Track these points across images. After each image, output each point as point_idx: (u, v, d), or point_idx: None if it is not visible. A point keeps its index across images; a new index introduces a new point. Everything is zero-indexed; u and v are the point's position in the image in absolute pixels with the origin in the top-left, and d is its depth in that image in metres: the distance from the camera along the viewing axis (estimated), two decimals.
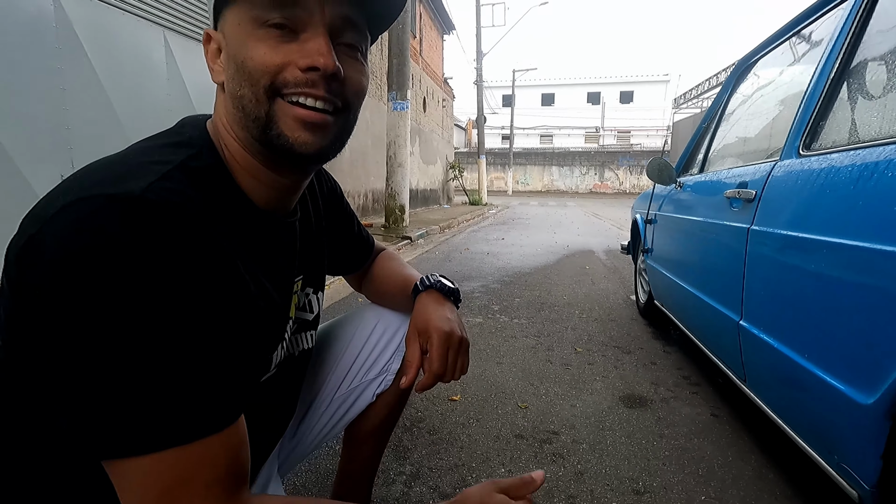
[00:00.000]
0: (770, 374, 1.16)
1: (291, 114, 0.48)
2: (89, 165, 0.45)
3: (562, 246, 5.90)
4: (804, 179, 1.04)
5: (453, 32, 14.73)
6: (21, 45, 2.77)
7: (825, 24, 1.27)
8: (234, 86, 0.48)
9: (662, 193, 2.39)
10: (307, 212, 0.68)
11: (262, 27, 0.46)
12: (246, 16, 0.47)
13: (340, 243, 0.82)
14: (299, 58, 0.47)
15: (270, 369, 0.61)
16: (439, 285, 0.79)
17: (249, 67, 0.47)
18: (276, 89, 0.47)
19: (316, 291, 0.73)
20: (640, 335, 2.46)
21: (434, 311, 0.74)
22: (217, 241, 0.46)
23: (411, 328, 0.74)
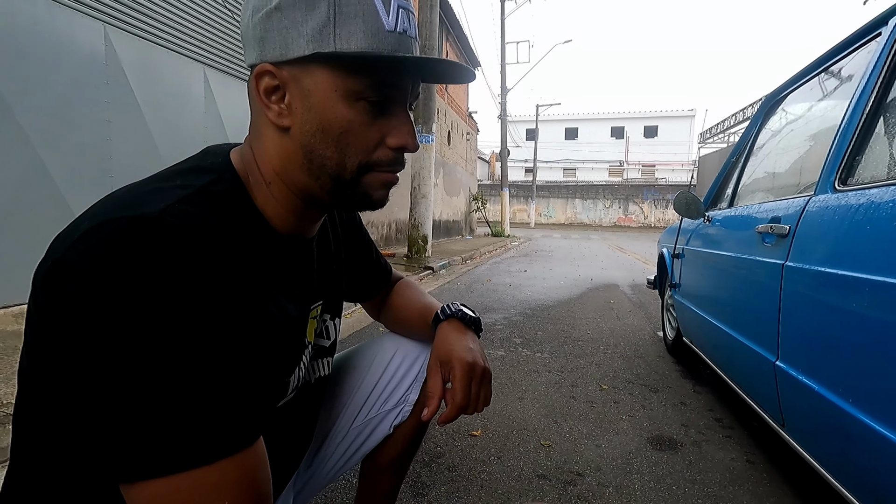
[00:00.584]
0: (811, 420, 1.09)
1: (378, 180, 0.53)
2: (115, 191, 0.47)
3: (585, 279, 5.81)
4: (841, 215, 1.00)
5: (479, 69, 15.12)
6: (74, 80, 2.96)
7: (857, 59, 1.25)
8: (315, 143, 0.50)
9: (690, 227, 2.34)
10: (326, 238, 0.69)
11: (360, 101, 0.49)
12: (344, 84, 0.48)
13: (358, 270, 0.82)
14: (390, 136, 0.51)
15: (287, 394, 0.60)
16: (461, 314, 0.78)
17: (347, 140, 0.50)
18: (369, 166, 0.51)
19: (333, 318, 0.73)
20: (668, 373, 2.37)
21: (456, 341, 0.73)
22: (235, 263, 0.46)
23: (433, 358, 0.72)
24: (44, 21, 2.78)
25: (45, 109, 2.79)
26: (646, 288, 3.99)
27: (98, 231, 0.41)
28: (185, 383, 0.40)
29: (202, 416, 0.40)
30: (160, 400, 0.39)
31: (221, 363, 0.42)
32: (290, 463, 0.70)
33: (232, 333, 0.44)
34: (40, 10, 2.76)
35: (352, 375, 0.85)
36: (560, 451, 1.55)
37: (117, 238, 0.40)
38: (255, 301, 0.49)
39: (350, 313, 3.28)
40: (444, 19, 11.20)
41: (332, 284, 0.70)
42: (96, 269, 0.39)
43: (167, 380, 0.39)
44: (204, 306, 0.42)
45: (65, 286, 0.40)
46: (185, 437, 0.40)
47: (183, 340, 0.40)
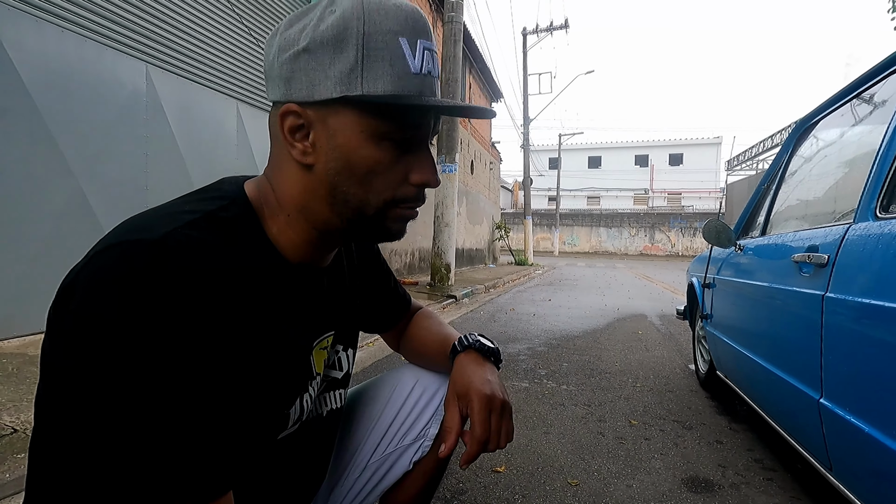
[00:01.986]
0: (862, 463, 1.01)
1: (400, 215, 0.54)
2: (133, 216, 0.49)
3: (612, 309, 5.67)
4: (886, 243, 0.95)
5: (501, 100, 15.37)
6: (117, 116, 3.13)
7: (893, 83, 1.22)
8: (340, 181, 0.51)
9: (720, 256, 2.27)
10: (341, 267, 0.68)
11: (385, 140, 0.50)
12: (370, 126, 0.49)
13: (375, 300, 0.81)
14: (413, 172, 0.53)
15: (289, 426, 0.58)
16: (478, 345, 0.75)
17: (372, 178, 0.51)
18: (395, 202, 0.53)
19: (346, 349, 0.72)
20: (701, 409, 2.26)
21: (473, 373, 0.70)
22: (233, 288, 0.46)
23: (450, 392, 0.70)
24: (91, 61, 2.97)
25: (87, 143, 2.95)
26: (675, 318, 3.86)
27: (102, 256, 0.42)
28: (153, 425, 0.39)
29: (164, 463, 0.40)
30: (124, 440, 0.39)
31: (199, 404, 0.42)
32: (300, 497, 0.68)
33: (219, 365, 0.43)
34: (89, 51, 2.95)
35: (369, 408, 0.83)
36: (588, 490, 1.48)
37: (117, 263, 0.41)
38: (250, 328, 0.49)
39: (373, 342, 3.26)
40: (468, 53, 11.50)
41: (345, 315, 0.69)
42: (93, 294, 0.40)
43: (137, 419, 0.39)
44: (191, 335, 0.42)
45: (64, 309, 0.41)
46: (142, 484, 0.39)
47: (163, 377, 0.40)
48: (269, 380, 0.52)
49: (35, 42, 2.67)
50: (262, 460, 0.56)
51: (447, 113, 0.53)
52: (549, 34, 15.75)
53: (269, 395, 0.53)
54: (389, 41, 0.47)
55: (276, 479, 0.59)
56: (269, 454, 0.57)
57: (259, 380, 0.50)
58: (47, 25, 2.72)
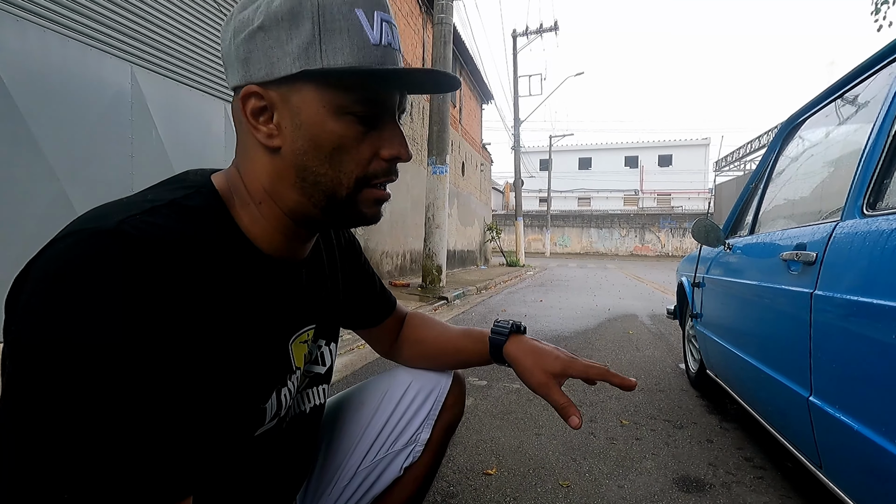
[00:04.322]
0: (853, 462, 1.01)
1: (372, 196, 0.53)
2: (89, 210, 0.47)
3: (603, 309, 5.69)
4: (873, 240, 0.96)
5: (491, 102, 15.41)
6: (101, 117, 3.08)
7: (877, 82, 1.22)
8: (308, 161, 0.49)
9: (710, 256, 2.28)
10: (320, 260, 0.66)
11: (347, 115, 0.49)
12: (331, 100, 0.48)
13: (358, 295, 0.79)
14: (382, 147, 0.51)
15: (266, 422, 0.56)
16: (515, 328, 0.79)
17: (340, 156, 0.49)
18: (366, 179, 0.51)
19: (329, 343, 0.70)
20: (692, 408, 2.27)
21: (547, 350, 0.73)
22: (198, 279, 0.44)
23: (539, 376, 0.71)
24: (75, 61, 2.92)
25: (71, 145, 2.90)
26: (665, 318, 3.88)
27: (52, 247, 0.40)
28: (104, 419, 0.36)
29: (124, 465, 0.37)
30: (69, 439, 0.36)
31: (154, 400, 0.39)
32: (282, 494, 0.66)
33: (184, 358, 0.41)
34: (72, 51, 2.90)
35: (360, 413, 0.81)
36: (580, 491, 1.47)
37: (68, 253, 0.39)
38: (219, 319, 0.47)
39: (363, 344, 3.24)
40: (458, 55, 11.51)
41: (326, 308, 0.67)
42: (42, 286, 0.38)
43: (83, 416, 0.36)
44: (151, 327, 0.39)
45: (12, 304, 0.39)
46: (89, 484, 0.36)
47: (112, 371, 0.37)
48: (242, 373, 0.50)
49: (16, 42, 2.62)
50: (240, 457, 0.54)
51: (408, 81, 0.51)
52: (539, 36, 15.82)
53: (242, 389, 0.51)
54: (346, 12, 0.46)
55: (255, 477, 0.57)
56: (246, 451, 0.55)
57: (230, 373, 0.48)
58: (29, 25, 2.67)
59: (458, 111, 12.28)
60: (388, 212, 8.00)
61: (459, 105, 12.50)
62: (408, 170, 8.66)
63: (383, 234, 7.65)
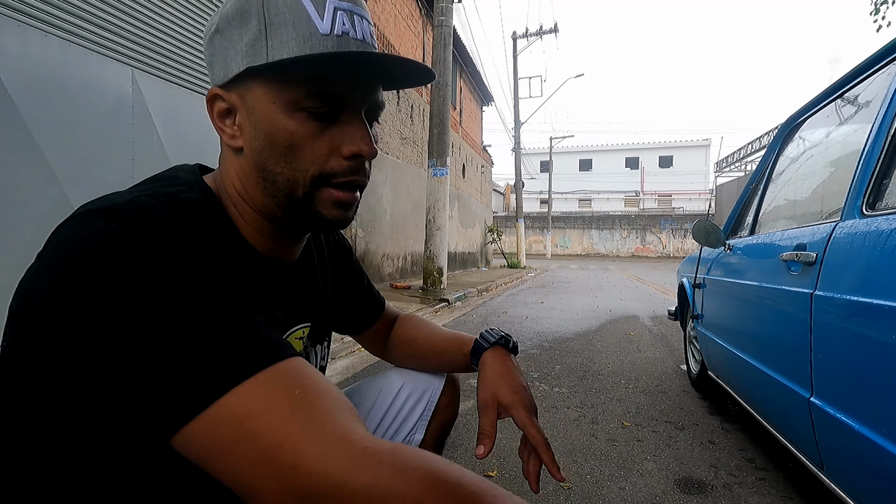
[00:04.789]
0: (854, 463, 1.01)
1: (331, 197, 0.50)
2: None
3: (604, 311, 5.69)
4: (873, 241, 0.96)
5: (492, 104, 15.42)
6: (102, 121, 3.09)
7: (877, 82, 1.22)
8: (265, 159, 0.49)
9: (710, 257, 2.28)
10: (311, 261, 0.67)
11: (300, 111, 0.47)
12: (282, 97, 0.47)
13: (349, 299, 0.79)
14: (342, 144, 0.49)
15: None
16: (503, 340, 0.75)
17: (294, 153, 0.48)
18: (323, 178, 0.49)
19: (316, 344, 0.70)
20: (693, 409, 2.26)
21: (512, 378, 0.70)
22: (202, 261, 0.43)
23: (486, 394, 0.68)
24: (76, 65, 2.93)
25: (72, 148, 2.90)
26: (666, 319, 3.87)
27: (66, 225, 0.41)
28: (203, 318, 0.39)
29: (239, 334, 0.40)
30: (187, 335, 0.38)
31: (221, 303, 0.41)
32: None
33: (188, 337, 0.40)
34: (73, 55, 2.91)
35: None
36: (581, 493, 1.47)
37: (80, 229, 0.40)
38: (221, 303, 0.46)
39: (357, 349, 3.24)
40: (458, 57, 11.53)
41: (317, 309, 0.67)
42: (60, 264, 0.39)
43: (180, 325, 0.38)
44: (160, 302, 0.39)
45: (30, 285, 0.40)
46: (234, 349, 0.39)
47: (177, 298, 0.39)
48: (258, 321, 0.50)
49: (18, 47, 2.63)
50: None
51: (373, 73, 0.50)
52: (539, 38, 15.84)
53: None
54: (291, 4, 0.46)
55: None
56: None
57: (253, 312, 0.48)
58: (30, 30, 2.68)
59: (458, 113, 12.29)
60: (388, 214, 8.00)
61: (460, 107, 12.52)
62: (408, 172, 8.67)
63: (384, 237, 7.65)
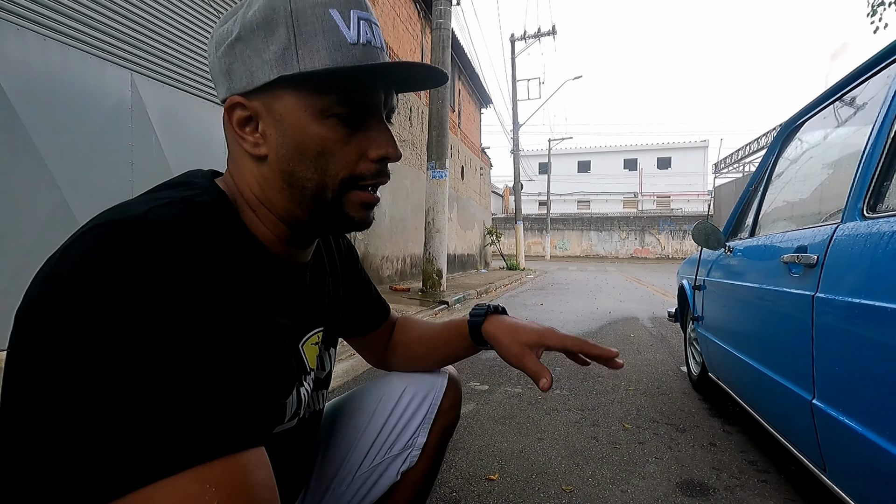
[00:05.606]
0: (857, 466, 1.00)
1: (359, 199, 0.52)
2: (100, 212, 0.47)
3: (604, 312, 5.69)
4: (874, 243, 0.96)
5: (490, 106, 15.44)
6: (101, 125, 3.09)
7: (876, 84, 1.23)
8: (293, 167, 0.49)
9: (710, 258, 2.28)
10: (322, 265, 0.67)
11: (331, 117, 0.48)
12: (312, 104, 0.48)
13: (356, 303, 0.80)
14: (370, 148, 0.50)
15: (285, 420, 0.55)
16: (494, 309, 0.79)
17: (325, 159, 0.49)
18: (353, 181, 0.50)
19: (328, 348, 0.70)
20: (694, 411, 2.26)
21: (524, 324, 0.74)
22: (221, 267, 0.44)
23: (515, 348, 0.71)
24: (75, 69, 2.93)
25: (71, 153, 2.90)
26: (666, 321, 3.87)
27: (82, 239, 0.40)
28: (172, 377, 0.36)
29: (198, 410, 0.37)
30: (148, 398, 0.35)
31: (211, 358, 0.39)
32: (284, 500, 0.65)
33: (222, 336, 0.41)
34: (72, 59, 2.91)
35: (356, 419, 0.81)
36: (583, 496, 1.46)
37: (102, 239, 0.39)
38: (243, 309, 0.46)
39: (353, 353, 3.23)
40: (457, 60, 11.55)
41: (329, 313, 0.68)
42: (80, 275, 0.37)
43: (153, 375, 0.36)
44: (191, 300, 0.39)
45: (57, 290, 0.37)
46: (182, 434, 0.36)
47: (168, 341, 0.37)
48: (266, 364, 0.49)
49: (16, 51, 2.62)
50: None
51: (393, 78, 0.51)
52: (537, 40, 15.88)
53: (267, 381, 0.50)
54: (320, 14, 0.47)
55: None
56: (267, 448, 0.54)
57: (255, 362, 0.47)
58: (29, 34, 2.68)
59: (457, 116, 12.31)
60: (387, 217, 8.00)
61: (458, 110, 12.53)
62: (407, 175, 8.67)
63: (383, 239, 7.65)
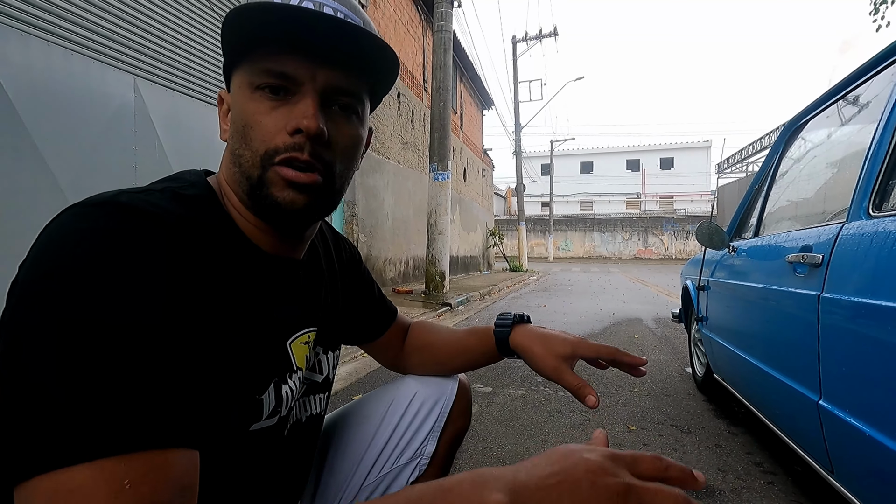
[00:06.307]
0: (864, 466, 0.99)
1: (280, 176, 0.49)
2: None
3: (607, 313, 5.67)
4: (880, 241, 0.95)
5: (492, 108, 15.45)
6: (104, 129, 3.10)
7: (880, 82, 1.22)
8: (234, 145, 0.51)
9: (714, 258, 2.27)
10: (318, 265, 0.66)
11: (258, 90, 0.49)
12: (245, 80, 0.50)
13: (361, 309, 0.79)
14: (287, 121, 0.49)
15: (263, 417, 0.54)
16: (519, 318, 0.78)
17: (249, 133, 0.49)
18: (270, 156, 0.49)
19: (327, 351, 0.69)
20: (699, 412, 2.25)
21: (554, 334, 0.72)
22: (201, 255, 0.45)
23: (550, 361, 0.69)
24: (78, 74, 2.94)
25: (75, 156, 2.91)
26: (670, 322, 3.85)
27: (59, 218, 0.41)
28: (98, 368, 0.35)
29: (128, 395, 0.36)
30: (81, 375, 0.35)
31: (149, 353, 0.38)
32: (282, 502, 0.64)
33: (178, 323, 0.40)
34: (75, 64, 2.93)
35: (364, 426, 0.80)
36: None
37: (74, 218, 0.40)
38: (219, 298, 0.46)
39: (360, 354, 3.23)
40: (458, 62, 11.57)
41: (325, 314, 0.66)
42: (49, 248, 0.39)
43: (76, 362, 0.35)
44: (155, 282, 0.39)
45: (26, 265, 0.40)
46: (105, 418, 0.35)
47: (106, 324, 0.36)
48: (235, 356, 0.49)
49: (20, 56, 2.64)
50: (235, 451, 0.52)
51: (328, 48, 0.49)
52: (539, 42, 15.89)
53: (235, 373, 0.49)
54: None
55: (252, 477, 0.56)
56: (243, 443, 0.52)
57: (223, 354, 0.47)
58: (32, 39, 2.70)
59: (459, 117, 12.32)
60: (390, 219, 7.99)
61: (460, 111, 12.54)
62: (409, 177, 8.68)
63: (386, 242, 7.65)
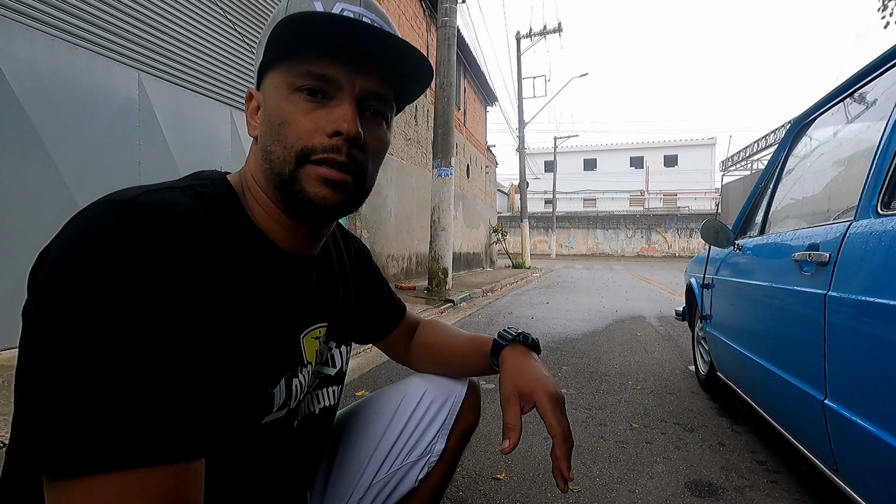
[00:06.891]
0: (869, 465, 0.99)
1: (315, 173, 0.51)
2: None
3: (610, 311, 5.66)
4: (889, 240, 0.94)
5: (496, 104, 15.40)
6: (109, 124, 3.11)
7: (890, 78, 1.21)
8: (266, 142, 0.52)
9: (719, 256, 2.26)
10: (330, 262, 0.67)
11: (296, 92, 0.50)
12: (283, 80, 0.51)
13: (370, 306, 0.79)
14: (326, 123, 0.50)
15: (273, 410, 0.55)
16: (522, 338, 0.74)
17: (284, 130, 0.51)
18: (305, 155, 0.50)
19: (339, 346, 0.70)
20: (703, 411, 2.24)
21: (532, 369, 0.69)
22: (216, 253, 0.46)
23: (508, 388, 0.68)
24: (83, 69, 2.95)
25: (80, 152, 2.92)
26: (674, 319, 3.85)
27: (79, 215, 0.42)
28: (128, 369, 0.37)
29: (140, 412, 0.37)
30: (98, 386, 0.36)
31: (177, 353, 0.40)
32: (290, 493, 0.65)
33: (196, 327, 0.42)
34: (80, 59, 2.93)
35: (375, 423, 0.80)
36: (591, 496, 1.45)
37: (94, 218, 0.41)
38: (232, 295, 0.48)
39: (369, 348, 3.23)
40: (462, 58, 11.53)
41: (336, 309, 0.67)
42: (68, 247, 0.40)
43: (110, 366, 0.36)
44: (169, 286, 0.40)
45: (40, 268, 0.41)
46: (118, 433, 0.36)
47: (139, 324, 0.38)
48: (249, 354, 0.50)
49: (25, 51, 2.64)
50: (248, 442, 0.53)
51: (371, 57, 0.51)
52: (543, 38, 15.81)
53: (251, 368, 0.51)
54: (305, 5, 0.51)
55: (262, 468, 0.56)
56: (254, 436, 0.54)
57: (237, 353, 0.48)
58: (37, 34, 2.70)
59: (462, 114, 12.29)
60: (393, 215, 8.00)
61: (464, 108, 12.51)
62: (413, 173, 8.67)
63: (389, 238, 7.65)
